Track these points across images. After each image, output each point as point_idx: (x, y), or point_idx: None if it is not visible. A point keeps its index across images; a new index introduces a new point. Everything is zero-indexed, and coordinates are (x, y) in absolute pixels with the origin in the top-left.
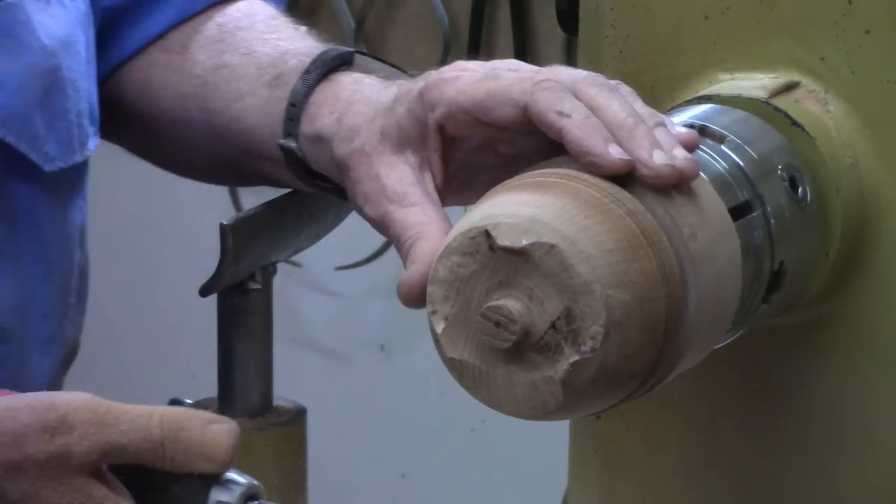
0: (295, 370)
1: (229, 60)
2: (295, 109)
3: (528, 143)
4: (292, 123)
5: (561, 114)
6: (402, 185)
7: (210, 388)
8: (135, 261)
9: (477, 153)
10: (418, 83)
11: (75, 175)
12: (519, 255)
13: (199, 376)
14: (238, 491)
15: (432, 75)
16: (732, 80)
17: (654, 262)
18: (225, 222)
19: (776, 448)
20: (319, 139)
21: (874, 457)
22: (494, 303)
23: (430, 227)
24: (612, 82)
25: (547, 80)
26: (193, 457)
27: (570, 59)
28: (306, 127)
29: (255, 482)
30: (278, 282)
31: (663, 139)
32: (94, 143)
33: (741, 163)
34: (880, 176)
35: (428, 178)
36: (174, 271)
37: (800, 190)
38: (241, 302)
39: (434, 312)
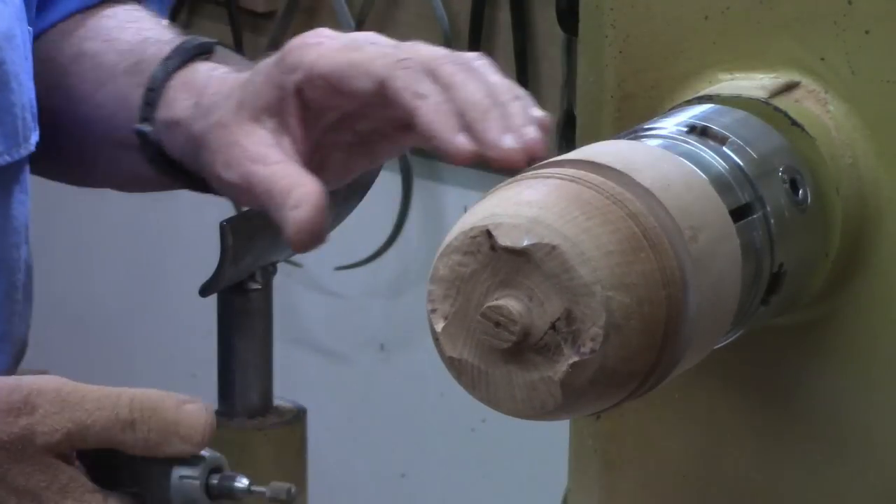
0: (295, 370)
1: (89, 48)
2: (153, 94)
3: (386, 118)
4: (149, 108)
5: (417, 95)
6: (262, 147)
7: (210, 388)
8: (135, 261)
9: (333, 131)
10: (278, 53)
11: (17, 169)
12: (520, 256)
13: (199, 376)
14: (201, 464)
15: (294, 40)
16: (732, 80)
17: (655, 264)
18: (225, 222)
19: (776, 448)
20: (175, 124)
21: (874, 457)
22: (495, 302)
23: (303, 178)
24: (471, 56)
25: (408, 58)
26: (168, 437)
27: (570, 59)
28: (163, 112)
29: (218, 454)
30: (278, 282)
31: (516, 116)
32: (35, 137)
33: (742, 164)
34: (880, 176)
35: (287, 141)
36: (174, 271)
37: (800, 192)
38: (241, 302)
39: (434, 311)
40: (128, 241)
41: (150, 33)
